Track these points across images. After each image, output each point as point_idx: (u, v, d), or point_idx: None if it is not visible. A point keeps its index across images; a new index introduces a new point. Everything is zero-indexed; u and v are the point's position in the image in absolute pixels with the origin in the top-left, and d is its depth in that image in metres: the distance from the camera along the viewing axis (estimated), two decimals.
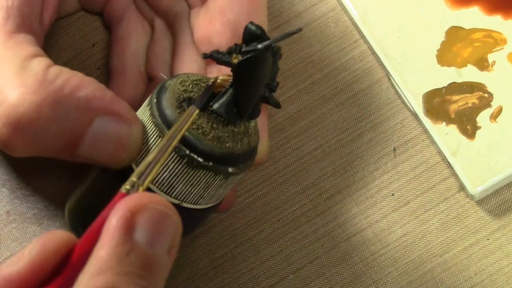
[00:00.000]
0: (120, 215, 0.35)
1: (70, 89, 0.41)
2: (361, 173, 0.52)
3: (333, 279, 0.50)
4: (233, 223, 0.51)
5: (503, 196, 0.51)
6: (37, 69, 0.41)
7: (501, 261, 0.50)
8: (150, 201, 0.36)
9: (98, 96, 0.41)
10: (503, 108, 0.51)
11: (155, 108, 0.42)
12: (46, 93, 0.40)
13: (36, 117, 0.40)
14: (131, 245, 0.35)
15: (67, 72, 0.41)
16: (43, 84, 0.41)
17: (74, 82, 0.41)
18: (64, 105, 0.41)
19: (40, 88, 0.40)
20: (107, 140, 0.41)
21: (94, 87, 0.41)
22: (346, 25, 0.54)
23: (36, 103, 0.40)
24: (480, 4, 0.53)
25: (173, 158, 0.41)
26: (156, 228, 0.36)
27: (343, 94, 0.53)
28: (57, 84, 0.41)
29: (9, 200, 0.51)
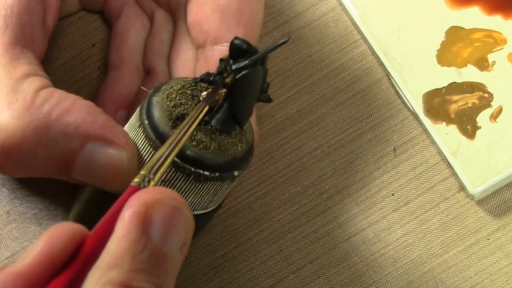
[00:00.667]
0: (135, 210, 0.35)
1: (57, 114, 0.40)
2: (361, 173, 0.52)
3: (333, 279, 0.50)
4: (233, 223, 0.51)
5: (503, 196, 0.51)
6: (27, 92, 0.41)
7: (501, 261, 0.50)
8: (165, 196, 0.36)
9: (88, 121, 0.40)
10: (503, 108, 0.51)
11: (150, 131, 0.41)
12: (31, 118, 0.40)
13: (20, 142, 0.40)
14: (146, 241, 0.35)
15: (58, 94, 0.41)
16: (29, 108, 0.40)
17: (63, 107, 0.41)
18: (51, 131, 0.40)
19: (26, 113, 0.40)
20: (98, 166, 0.41)
21: (85, 111, 0.41)
22: (346, 25, 0.54)
23: (20, 128, 0.40)
24: (480, 4, 0.53)
25: (180, 176, 0.40)
26: (170, 225, 0.35)
27: (343, 94, 0.53)
28: (45, 109, 0.40)
29: (9, 200, 0.51)
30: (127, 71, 0.50)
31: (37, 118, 0.40)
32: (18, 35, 0.43)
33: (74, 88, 0.53)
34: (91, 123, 0.41)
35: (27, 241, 0.51)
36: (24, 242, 0.51)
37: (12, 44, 0.42)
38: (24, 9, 0.43)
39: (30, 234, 0.51)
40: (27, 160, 0.41)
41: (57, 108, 0.40)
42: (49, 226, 0.50)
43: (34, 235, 0.51)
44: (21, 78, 0.41)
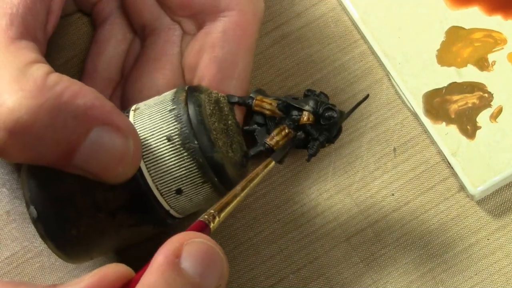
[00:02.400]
0: (169, 246, 0.37)
1: (69, 96, 0.40)
2: (361, 173, 0.52)
3: (333, 279, 0.50)
4: (233, 223, 0.51)
5: (503, 196, 0.51)
6: (37, 75, 0.41)
7: (501, 261, 0.50)
8: (198, 236, 0.38)
9: (97, 105, 0.41)
10: (503, 108, 0.51)
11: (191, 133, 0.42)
12: (44, 98, 0.40)
13: (32, 122, 0.40)
14: (179, 271, 0.36)
15: (67, 79, 0.41)
16: (42, 89, 0.40)
17: (73, 90, 0.41)
18: (62, 112, 0.40)
19: (39, 94, 0.40)
20: (103, 151, 0.41)
21: (93, 96, 0.41)
22: (346, 25, 0.54)
23: (33, 108, 0.40)
24: (480, 4, 0.53)
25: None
26: (204, 260, 0.37)
27: (343, 94, 0.53)
28: (56, 91, 0.40)
29: (9, 200, 0.51)
30: (100, 81, 0.51)
31: (49, 99, 0.40)
32: (22, 32, 0.43)
33: None
34: (100, 107, 0.41)
35: (27, 241, 0.51)
36: (24, 242, 0.51)
37: (18, 37, 0.42)
38: (29, 10, 0.43)
39: (30, 234, 0.51)
40: (35, 142, 0.41)
41: (67, 91, 0.41)
42: None
43: (34, 235, 0.51)
44: (30, 63, 0.41)
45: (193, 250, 0.37)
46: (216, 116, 0.43)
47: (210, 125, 0.42)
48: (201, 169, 0.42)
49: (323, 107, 0.46)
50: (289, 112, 0.47)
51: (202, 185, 0.42)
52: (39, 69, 0.41)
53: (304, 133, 0.47)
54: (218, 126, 0.43)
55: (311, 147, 0.47)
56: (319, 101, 0.47)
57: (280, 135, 0.46)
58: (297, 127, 0.47)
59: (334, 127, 0.47)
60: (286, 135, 0.46)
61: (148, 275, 0.36)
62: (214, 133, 0.42)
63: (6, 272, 0.50)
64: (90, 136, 0.41)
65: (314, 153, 0.47)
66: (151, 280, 0.36)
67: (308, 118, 0.46)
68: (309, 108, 0.46)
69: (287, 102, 0.46)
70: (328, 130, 0.47)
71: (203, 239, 0.38)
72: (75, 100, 0.40)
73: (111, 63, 0.51)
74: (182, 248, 0.37)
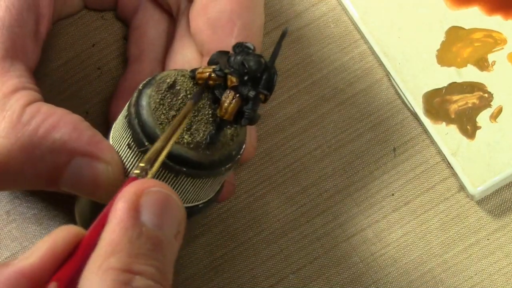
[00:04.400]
0: (126, 199, 0.36)
1: (44, 131, 0.41)
2: (361, 173, 0.52)
3: (333, 279, 0.50)
4: (233, 223, 0.51)
5: (503, 196, 0.51)
6: (14, 109, 0.41)
7: (501, 261, 0.50)
8: (154, 185, 0.37)
9: (74, 137, 0.41)
10: (503, 108, 0.51)
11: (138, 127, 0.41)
12: (18, 136, 0.41)
13: (7, 159, 0.41)
14: (140, 226, 0.35)
15: (45, 110, 0.41)
16: (15, 126, 0.41)
17: (49, 123, 0.41)
18: (38, 148, 0.41)
19: (12, 131, 0.41)
20: (84, 179, 0.41)
21: (71, 127, 0.41)
22: (346, 25, 0.54)
23: (6, 147, 0.40)
24: (480, 4, 0.53)
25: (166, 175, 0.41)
26: (162, 210, 0.36)
27: (343, 94, 0.53)
28: (31, 127, 0.41)
29: (9, 200, 0.51)
30: (148, 63, 0.50)
31: (23, 136, 0.41)
32: (8, 48, 0.43)
33: (74, 88, 0.53)
34: (77, 139, 0.41)
35: (27, 241, 0.51)
36: (24, 242, 0.51)
37: (1, 58, 0.42)
38: (15, 21, 0.43)
39: (30, 234, 0.51)
40: (14, 177, 0.42)
41: (43, 125, 0.41)
42: (49, 226, 0.51)
43: (34, 235, 0.51)
44: (9, 94, 0.42)
45: (151, 201, 0.36)
46: (166, 105, 0.42)
47: (157, 120, 0.41)
48: (165, 167, 0.41)
49: (235, 60, 0.42)
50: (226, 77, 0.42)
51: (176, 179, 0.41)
52: (17, 101, 0.41)
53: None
54: (169, 114, 0.42)
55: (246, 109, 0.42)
56: (240, 55, 0.42)
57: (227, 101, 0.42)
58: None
59: (261, 76, 0.42)
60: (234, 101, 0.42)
61: (110, 233, 0.35)
62: (162, 125, 0.41)
63: None
64: (70, 166, 0.41)
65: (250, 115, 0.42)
66: (114, 239, 0.35)
67: (232, 80, 0.41)
68: (226, 69, 0.41)
69: (219, 65, 0.42)
70: (254, 81, 0.41)
71: (159, 187, 0.37)
72: (51, 134, 0.41)
73: (155, 44, 0.51)
74: (139, 200, 0.36)
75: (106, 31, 0.54)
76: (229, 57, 0.42)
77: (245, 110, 0.42)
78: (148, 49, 0.50)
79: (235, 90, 0.41)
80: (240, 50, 0.42)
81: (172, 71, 0.43)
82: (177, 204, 0.37)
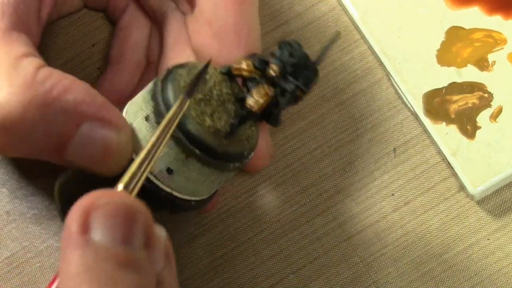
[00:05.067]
0: (72, 222, 0.33)
1: (58, 92, 0.40)
2: (361, 173, 0.52)
3: (333, 279, 0.50)
4: (233, 223, 0.51)
5: (503, 196, 0.51)
6: (27, 70, 0.41)
7: (501, 261, 0.50)
8: (102, 196, 0.33)
9: (87, 100, 0.41)
10: (503, 108, 0.51)
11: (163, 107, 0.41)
12: (33, 94, 0.40)
13: (21, 118, 0.40)
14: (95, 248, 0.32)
15: (57, 74, 0.41)
16: (31, 85, 0.40)
17: (63, 85, 0.41)
18: (52, 107, 0.40)
19: (28, 89, 0.40)
20: (94, 145, 0.41)
21: (84, 91, 0.41)
22: (346, 25, 0.54)
23: (22, 103, 0.40)
24: (480, 4, 0.53)
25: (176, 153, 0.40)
26: (117, 223, 0.33)
27: (343, 94, 0.53)
28: (46, 86, 0.40)
29: (9, 200, 0.51)
30: (128, 66, 0.51)
31: (39, 94, 0.40)
32: (14, 22, 0.43)
33: None
34: (90, 102, 0.41)
35: (27, 241, 0.51)
36: (24, 242, 0.51)
37: (10, 29, 0.42)
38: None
39: (30, 234, 0.51)
40: (26, 138, 0.41)
41: (57, 86, 0.41)
42: (49, 226, 0.51)
43: (34, 235, 0.51)
44: (20, 57, 0.41)
45: (101, 217, 0.32)
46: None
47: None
48: (179, 144, 0.40)
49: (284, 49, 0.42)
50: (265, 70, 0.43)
51: (187, 160, 0.41)
52: (30, 64, 0.41)
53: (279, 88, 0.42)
54: (195, 96, 0.42)
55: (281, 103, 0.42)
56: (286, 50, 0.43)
57: (259, 94, 0.42)
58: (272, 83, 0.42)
59: (302, 72, 0.43)
60: (266, 94, 0.42)
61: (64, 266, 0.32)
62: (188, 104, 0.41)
63: (6, 272, 0.50)
64: (80, 130, 0.40)
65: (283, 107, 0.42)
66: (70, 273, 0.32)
67: (274, 70, 0.42)
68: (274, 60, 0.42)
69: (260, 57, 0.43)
70: (295, 76, 0.42)
71: (107, 198, 0.33)
72: (65, 95, 0.40)
73: (137, 48, 0.51)
74: (88, 219, 0.32)
75: (106, 31, 0.54)
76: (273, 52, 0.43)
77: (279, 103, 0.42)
78: (130, 51, 0.51)
79: (272, 82, 0.42)
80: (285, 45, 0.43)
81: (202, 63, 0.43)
82: (135, 210, 0.33)
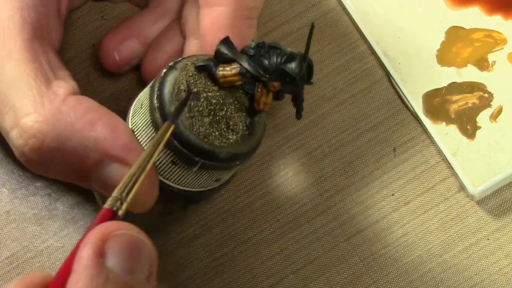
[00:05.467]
0: (90, 245, 0.34)
1: (81, 126, 0.40)
2: (361, 173, 0.52)
3: (333, 279, 0.50)
4: (233, 223, 0.51)
5: (503, 196, 0.51)
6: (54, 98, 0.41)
7: (501, 261, 0.50)
8: (119, 227, 0.35)
9: (109, 139, 0.40)
10: (503, 108, 0.51)
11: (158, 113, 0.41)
12: (54, 125, 0.40)
13: (39, 145, 0.40)
14: (107, 273, 0.34)
15: (86, 105, 0.41)
16: (55, 114, 0.40)
17: (88, 119, 0.40)
18: (71, 141, 0.40)
19: (50, 118, 0.40)
20: (112, 184, 0.40)
21: (108, 127, 0.40)
22: (346, 25, 0.54)
23: (42, 132, 0.40)
24: (480, 4, 0.53)
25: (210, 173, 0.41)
26: (130, 254, 0.35)
27: (343, 94, 0.53)
28: (70, 118, 0.40)
29: (9, 200, 0.51)
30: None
31: (60, 126, 0.40)
32: (36, 28, 0.43)
33: None
34: (112, 142, 0.40)
35: (27, 241, 0.51)
36: (24, 242, 0.51)
37: (32, 37, 0.42)
38: (39, 1, 0.43)
39: (30, 234, 0.51)
40: (46, 163, 0.41)
41: (82, 119, 0.40)
42: (49, 226, 0.51)
43: (34, 235, 0.51)
44: (48, 82, 0.41)
45: (117, 246, 0.34)
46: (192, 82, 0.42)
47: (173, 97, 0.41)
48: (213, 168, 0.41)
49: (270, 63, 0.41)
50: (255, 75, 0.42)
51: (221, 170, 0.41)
52: (60, 88, 0.41)
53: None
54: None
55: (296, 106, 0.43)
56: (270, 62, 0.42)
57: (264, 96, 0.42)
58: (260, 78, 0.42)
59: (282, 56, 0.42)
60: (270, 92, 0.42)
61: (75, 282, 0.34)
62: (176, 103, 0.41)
63: (6, 272, 0.50)
64: (102, 167, 0.41)
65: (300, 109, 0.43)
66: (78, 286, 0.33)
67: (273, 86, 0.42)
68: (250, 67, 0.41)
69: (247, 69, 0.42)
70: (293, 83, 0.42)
71: (125, 229, 0.35)
72: (87, 131, 0.40)
73: None
74: (104, 245, 0.34)
75: (106, 31, 0.54)
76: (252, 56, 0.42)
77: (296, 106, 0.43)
78: None
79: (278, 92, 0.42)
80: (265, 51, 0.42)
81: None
82: (146, 245, 0.35)
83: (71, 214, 0.51)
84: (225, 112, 0.42)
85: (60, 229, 0.51)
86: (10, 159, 0.51)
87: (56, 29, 0.44)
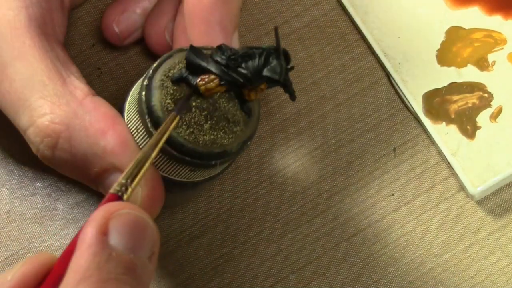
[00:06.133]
0: (94, 223, 0.35)
1: (93, 132, 0.41)
2: (361, 173, 0.52)
3: (333, 279, 0.50)
4: (233, 223, 0.51)
5: (503, 196, 0.51)
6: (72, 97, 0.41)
7: (501, 261, 0.50)
8: (123, 207, 0.35)
9: (117, 151, 0.41)
10: (503, 108, 0.51)
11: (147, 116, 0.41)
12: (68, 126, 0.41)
13: (52, 144, 0.41)
14: (109, 251, 0.34)
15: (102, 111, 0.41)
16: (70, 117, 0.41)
17: (101, 126, 0.41)
18: (82, 145, 0.41)
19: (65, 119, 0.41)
20: None
21: (118, 140, 0.41)
22: (346, 25, 0.54)
23: (56, 132, 0.41)
24: (480, 4, 0.53)
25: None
26: (133, 233, 0.35)
27: (343, 94, 0.53)
28: (84, 122, 0.41)
29: (9, 200, 0.51)
30: None
31: (74, 129, 0.41)
32: (41, 25, 0.43)
33: None
34: (119, 154, 0.41)
35: (27, 241, 0.51)
36: (24, 242, 0.51)
37: (39, 37, 0.43)
38: None
39: (30, 234, 0.51)
40: (58, 161, 0.42)
41: (95, 125, 0.41)
42: (49, 226, 0.51)
43: (34, 235, 0.51)
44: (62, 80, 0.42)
45: (120, 224, 0.35)
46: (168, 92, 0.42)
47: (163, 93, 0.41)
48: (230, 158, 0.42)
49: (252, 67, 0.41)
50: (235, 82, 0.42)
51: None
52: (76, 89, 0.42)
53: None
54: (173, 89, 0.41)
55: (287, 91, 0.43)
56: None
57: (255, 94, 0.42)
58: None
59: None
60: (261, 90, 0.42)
61: (78, 259, 0.34)
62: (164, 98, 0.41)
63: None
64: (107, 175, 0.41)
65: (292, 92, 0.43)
66: (82, 265, 0.34)
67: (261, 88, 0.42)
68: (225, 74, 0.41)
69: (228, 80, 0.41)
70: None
71: (128, 209, 0.35)
72: (98, 139, 0.41)
73: None
74: (108, 224, 0.35)
75: None
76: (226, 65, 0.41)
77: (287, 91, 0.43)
78: None
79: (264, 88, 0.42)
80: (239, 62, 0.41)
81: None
82: (149, 225, 0.36)
83: (71, 214, 0.51)
84: (219, 109, 0.41)
85: (60, 229, 0.51)
86: (10, 159, 0.51)
87: (60, 23, 0.45)
